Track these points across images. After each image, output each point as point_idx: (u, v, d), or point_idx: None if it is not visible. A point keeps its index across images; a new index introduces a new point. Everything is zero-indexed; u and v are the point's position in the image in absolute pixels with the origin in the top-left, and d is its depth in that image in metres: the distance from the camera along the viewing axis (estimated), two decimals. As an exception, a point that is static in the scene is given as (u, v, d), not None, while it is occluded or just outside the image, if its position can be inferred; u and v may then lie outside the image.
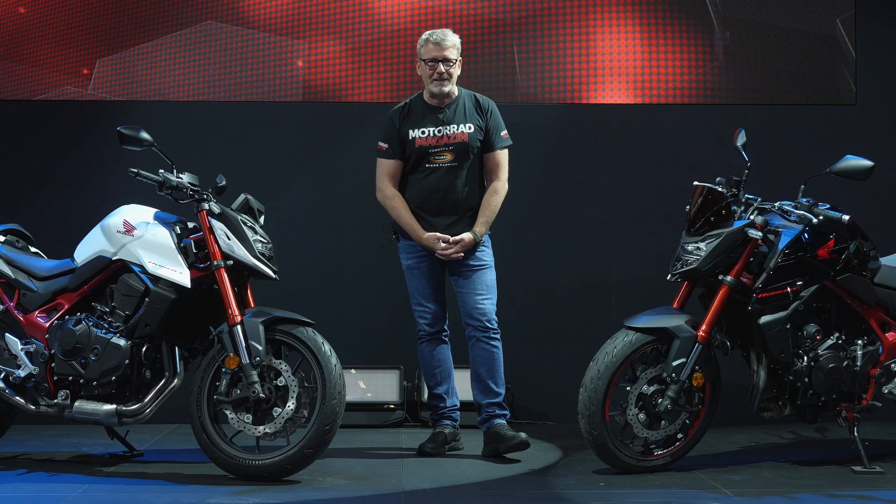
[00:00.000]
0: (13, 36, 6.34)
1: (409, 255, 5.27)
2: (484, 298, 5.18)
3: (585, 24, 6.32)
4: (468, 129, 5.17)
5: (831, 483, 4.62)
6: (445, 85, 5.17)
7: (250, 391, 4.55)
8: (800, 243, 4.79)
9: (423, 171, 5.20)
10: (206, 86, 6.30)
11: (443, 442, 5.25)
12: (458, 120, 5.19)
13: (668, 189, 6.08)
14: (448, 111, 5.20)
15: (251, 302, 4.79)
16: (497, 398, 5.20)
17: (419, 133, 5.19)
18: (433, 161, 5.18)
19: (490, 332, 5.17)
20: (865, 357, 4.90)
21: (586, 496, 4.42)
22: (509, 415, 5.28)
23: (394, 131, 5.23)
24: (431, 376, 5.32)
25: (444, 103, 5.21)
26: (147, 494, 4.39)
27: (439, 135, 5.17)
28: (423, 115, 5.22)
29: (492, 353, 5.18)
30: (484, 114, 5.22)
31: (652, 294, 5.42)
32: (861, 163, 4.80)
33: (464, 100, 5.24)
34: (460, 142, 5.16)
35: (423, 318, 5.26)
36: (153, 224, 4.76)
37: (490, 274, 5.22)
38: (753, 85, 6.36)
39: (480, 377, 5.21)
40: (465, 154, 5.17)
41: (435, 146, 5.17)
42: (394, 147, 5.24)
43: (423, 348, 5.30)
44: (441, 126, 5.18)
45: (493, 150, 5.21)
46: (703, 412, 4.82)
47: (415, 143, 5.19)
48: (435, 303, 5.25)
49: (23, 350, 4.83)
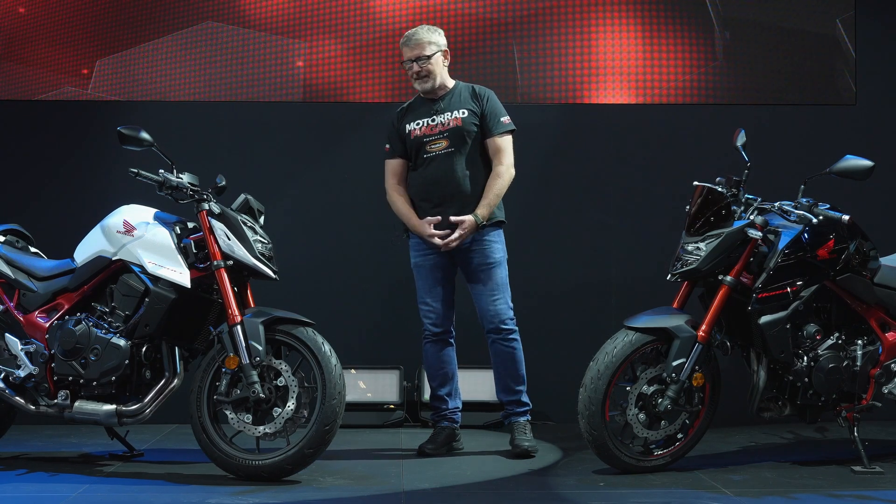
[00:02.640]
0: (13, 36, 6.34)
1: (417, 253, 5.28)
2: (496, 299, 5.19)
3: (585, 24, 6.32)
4: (461, 114, 5.19)
5: (831, 483, 4.62)
6: (426, 82, 5.21)
7: (250, 391, 4.55)
8: (800, 243, 4.79)
9: (422, 162, 5.23)
10: (206, 86, 6.30)
11: (442, 442, 5.26)
12: (453, 108, 5.22)
13: (668, 189, 6.08)
14: (442, 102, 5.24)
15: (251, 302, 4.79)
16: (515, 396, 5.28)
17: (414, 125, 5.24)
18: (429, 150, 5.20)
19: (504, 333, 5.22)
20: (865, 357, 4.90)
21: (586, 496, 4.42)
22: (531, 406, 5.34)
23: (394, 131, 5.29)
24: (435, 377, 5.33)
25: (438, 95, 5.25)
26: (147, 494, 4.39)
27: (433, 123, 5.21)
28: (419, 109, 5.28)
29: (508, 354, 5.24)
30: (480, 100, 5.23)
31: (652, 294, 5.42)
32: (861, 163, 4.80)
33: (460, 90, 5.28)
34: (454, 127, 5.18)
35: (427, 318, 5.27)
36: (153, 224, 4.76)
37: (501, 271, 5.23)
38: (753, 85, 6.36)
39: (500, 376, 5.30)
40: (460, 139, 5.18)
41: (429, 135, 5.20)
42: (395, 146, 5.28)
43: (427, 349, 5.31)
44: (435, 115, 5.22)
45: (492, 135, 5.21)
46: (703, 412, 4.82)
47: (411, 135, 5.23)
48: (440, 302, 5.25)
49: (23, 350, 4.83)
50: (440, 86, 5.24)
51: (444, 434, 5.28)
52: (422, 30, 5.25)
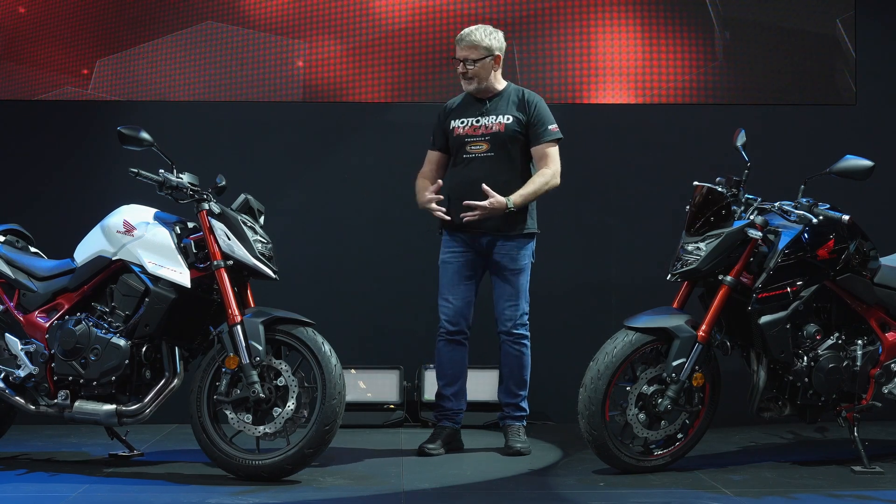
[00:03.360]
0: (13, 36, 6.33)
1: (446, 250, 5.31)
2: (512, 304, 5.24)
3: (585, 24, 6.32)
4: (506, 120, 5.20)
5: (831, 483, 4.62)
6: (470, 84, 5.23)
7: (250, 391, 4.55)
8: (800, 243, 4.79)
9: (461, 161, 5.26)
10: (206, 86, 6.30)
11: (443, 442, 5.26)
12: (499, 111, 5.23)
13: (668, 189, 6.08)
14: (490, 104, 5.25)
15: (251, 302, 4.79)
16: (515, 400, 5.30)
17: (459, 123, 5.27)
18: (469, 151, 5.22)
19: (515, 337, 5.25)
20: (865, 357, 4.90)
21: (586, 496, 4.42)
22: (528, 413, 5.36)
23: (438, 124, 5.36)
24: (442, 376, 5.33)
25: (487, 96, 5.26)
26: (147, 494, 4.39)
27: (477, 125, 5.23)
28: (466, 107, 5.30)
29: (515, 357, 5.27)
30: (527, 107, 5.22)
31: (652, 294, 5.42)
32: (861, 163, 4.80)
33: (509, 94, 5.28)
34: (496, 132, 5.19)
35: (444, 314, 5.28)
36: (153, 224, 4.76)
37: (522, 278, 5.26)
38: (753, 85, 6.36)
39: (503, 377, 5.34)
40: (501, 144, 5.19)
41: (471, 136, 5.23)
42: (438, 139, 5.35)
43: (440, 347, 5.31)
44: (480, 116, 5.24)
45: (539, 143, 5.22)
46: (703, 412, 4.82)
47: (454, 132, 5.27)
48: (460, 300, 5.25)
49: (23, 350, 4.83)
50: (486, 88, 5.24)
51: (444, 434, 5.28)
52: (478, 31, 5.23)
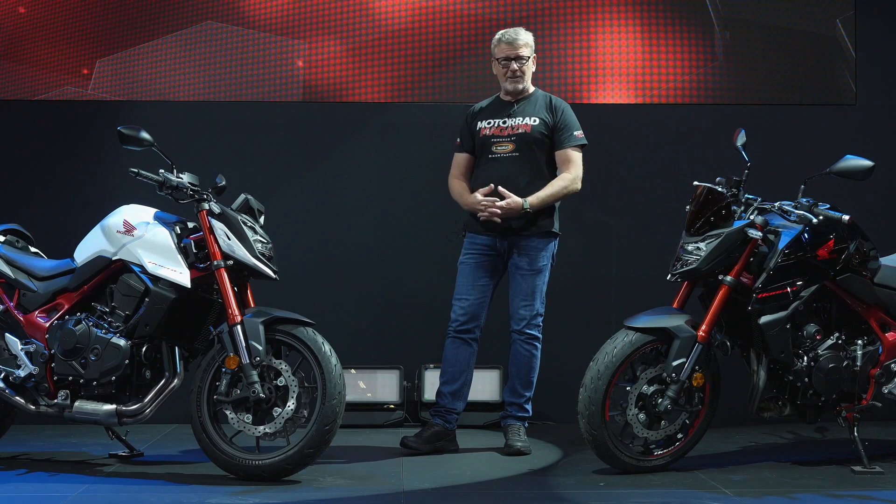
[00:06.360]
0: (13, 36, 6.33)
1: (465, 252, 5.34)
2: (527, 304, 5.24)
3: (585, 24, 6.33)
4: (532, 122, 5.24)
5: (831, 483, 4.62)
6: (519, 82, 5.28)
7: (250, 391, 4.55)
8: (800, 243, 4.79)
9: (486, 161, 5.29)
10: (206, 86, 6.30)
11: (428, 439, 5.24)
12: (526, 113, 5.28)
13: (668, 189, 6.08)
14: (518, 106, 5.31)
15: (251, 302, 4.79)
16: (518, 400, 5.31)
17: (485, 123, 5.32)
18: (495, 151, 5.26)
19: (526, 336, 5.26)
20: (865, 357, 4.90)
21: (586, 496, 4.42)
22: (530, 415, 5.36)
23: (465, 126, 5.40)
24: (443, 373, 5.34)
25: (517, 99, 5.32)
26: (147, 494, 4.39)
27: (504, 126, 5.28)
28: (494, 109, 5.35)
29: (524, 357, 5.28)
30: (554, 112, 5.28)
31: (652, 294, 5.42)
32: (861, 163, 4.80)
33: (537, 98, 5.34)
34: (522, 132, 5.23)
35: (454, 312, 5.30)
36: (153, 224, 4.76)
37: (539, 279, 5.26)
38: (753, 85, 6.36)
39: (510, 376, 5.35)
40: (526, 146, 5.23)
41: (497, 136, 5.26)
42: (465, 141, 5.38)
43: (447, 344, 5.32)
44: (507, 118, 5.28)
45: (563, 147, 5.26)
46: (703, 412, 4.82)
47: (480, 132, 5.31)
48: (474, 299, 5.26)
49: (23, 350, 4.83)
50: (524, 89, 5.31)
51: (431, 431, 5.26)
52: (524, 32, 5.33)
